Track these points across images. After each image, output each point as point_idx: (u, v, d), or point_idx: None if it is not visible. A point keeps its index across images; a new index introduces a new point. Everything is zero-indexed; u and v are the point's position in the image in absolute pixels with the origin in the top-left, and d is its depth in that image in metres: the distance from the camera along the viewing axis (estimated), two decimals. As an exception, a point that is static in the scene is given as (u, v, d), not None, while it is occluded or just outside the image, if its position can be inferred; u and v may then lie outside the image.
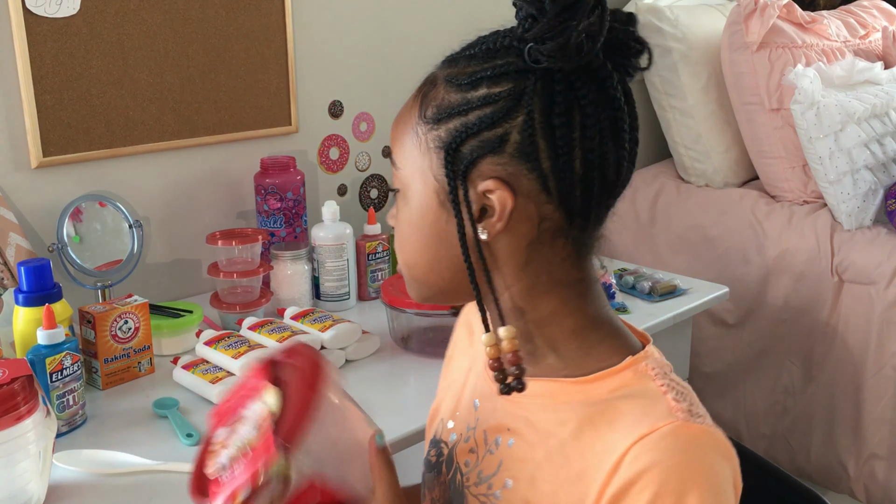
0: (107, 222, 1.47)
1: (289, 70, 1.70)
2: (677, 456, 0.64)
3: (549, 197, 0.70)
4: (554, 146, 0.69)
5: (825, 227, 1.97)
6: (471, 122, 0.70)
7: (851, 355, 1.91)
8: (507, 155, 0.69)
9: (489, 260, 0.73)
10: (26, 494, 0.93)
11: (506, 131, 0.69)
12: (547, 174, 0.69)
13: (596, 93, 0.69)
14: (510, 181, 0.70)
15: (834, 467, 1.97)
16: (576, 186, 0.70)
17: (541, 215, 0.71)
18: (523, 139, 0.69)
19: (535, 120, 0.68)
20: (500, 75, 0.70)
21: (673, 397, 0.68)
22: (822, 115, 1.94)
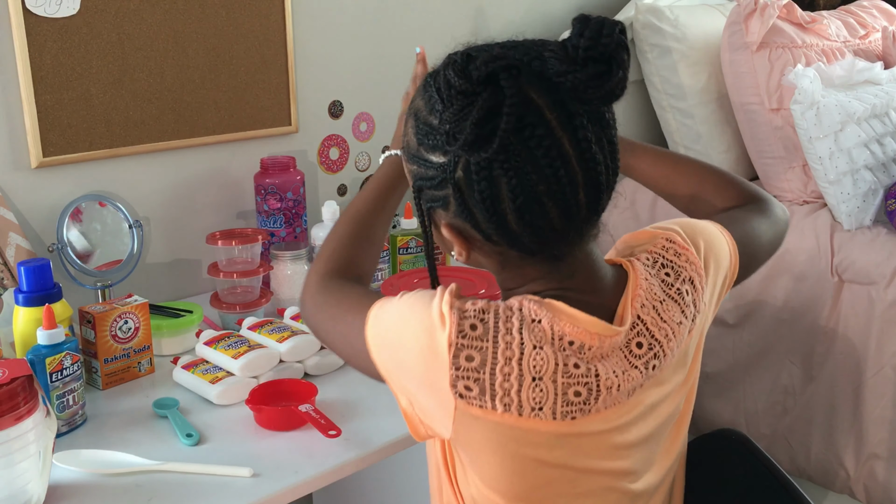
0: (107, 222, 1.47)
1: (289, 70, 1.70)
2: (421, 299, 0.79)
3: (498, 245, 0.78)
4: (484, 216, 0.75)
5: (825, 227, 1.97)
6: (423, 175, 0.79)
7: (851, 355, 1.90)
8: (451, 213, 0.78)
9: (477, 262, 0.84)
10: (26, 494, 0.93)
11: (445, 196, 0.78)
12: (488, 232, 0.77)
13: (524, 162, 0.72)
14: (461, 231, 0.80)
15: (834, 467, 1.97)
16: (520, 236, 0.76)
17: (498, 252, 0.80)
18: (458, 206, 0.77)
19: (463, 193, 0.75)
20: (434, 146, 0.77)
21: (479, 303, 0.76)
22: (822, 115, 1.94)
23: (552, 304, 0.76)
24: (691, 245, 0.87)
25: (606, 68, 0.71)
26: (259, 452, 1.06)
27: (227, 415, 1.16)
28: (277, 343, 1.26)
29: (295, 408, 1.11)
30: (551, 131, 0.72)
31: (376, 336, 0.81)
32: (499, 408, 0.74)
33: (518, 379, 0.74)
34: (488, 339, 0.74)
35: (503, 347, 0.74)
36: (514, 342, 0.74)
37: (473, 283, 1.40)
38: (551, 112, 0.72)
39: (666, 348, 0.82)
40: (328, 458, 1.05)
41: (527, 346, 0.74)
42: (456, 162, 0.74)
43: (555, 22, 2.22)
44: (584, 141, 0.73)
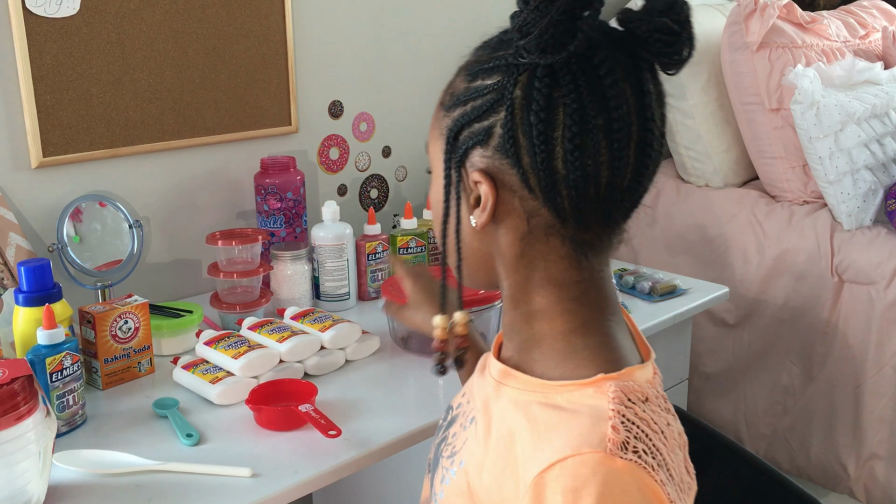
0: (107, 222, 1.47)
1: (289, 70, 1.70)
2: (588, 488, 0.62)
3: (532, 194, 0.69)
4: (532, 144, 0.67)
5: (825, 227, 1.97)
6: (466, 112, 0.71)
7: (851, 355, 1.91)
8: (492, 148, 0.69)
9: (489, 246, 0.74)
10: (26, 494, 0.93)
11: (491, 124, 0.69)
12: (527, 171, 0.68)
13: (587, 90, 0.66)
14: (494, 174, 0.70)
15: (834, 467, 1.97)
16: (559, 186, 0.68)
17: (527, 211, 0.70)
18: (504, 134, 0.68)
19: (515, 116, 0.67)
20: (493, 68, 0.70)
21: (615, 424, 0.64)
22: (822, 115, 1.94)
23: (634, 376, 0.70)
24: None
25: (679, 29, 0.69)
26: (259, 452, 1.06)
27: (227, 415, 1.16)
28: (277, 343, 1.26)
29: (295, 408, 1.11)
30: (617, 68, 0.67)
31: None
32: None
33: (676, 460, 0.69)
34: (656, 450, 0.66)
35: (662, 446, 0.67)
36: (663, 436, 0.68)
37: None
38: (621, 52, 0.68)
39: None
40: (328, 458, 1.05)
41: (665, 429, 0.68)
42: (517, 78, 0.67)
43: (555, 22, 2.22)
44: (646, 95, 0.69)
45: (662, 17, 0.68)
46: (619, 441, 0.63)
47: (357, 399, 1.21)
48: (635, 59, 0.69)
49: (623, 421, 0.65)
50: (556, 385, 0.69)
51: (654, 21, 0.68)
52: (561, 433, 0.65)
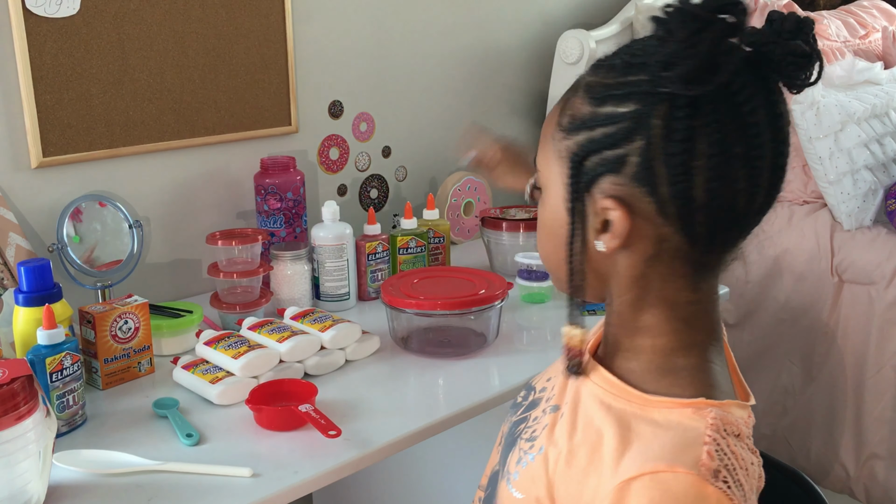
0: (107, 222, 1.47)
1: (289, 70, 1.70)
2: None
3: (668, 221, 0.69)
4: (672, 174, 0.67)
5: (825, 227, 1.97)
6: (595, 139, 0.70)
7: (851, 355, 1.91)
8: (626, 176, 0.69)
9: (608, 267, 0.74)
10: (26, 494, 0.93)
11: (626, 153, 0.68)
12: (665, 200, 0.68)
13: (727, 119, 0.66)
14: (628, 202, 0.69)
15: (834, 467, 1.97)
16: (696, 213, 0.68)
17: (659, 237, 0.70)
18: (641, 163, 0.67)
19: (653, 145, 0.67)
20: (626, 95, 0.68)
21: (710, 450, 0.65)
22: (822, 115, 1.94)
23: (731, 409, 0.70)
24: None
25: (811, 51, 0.68)
26: (259, 452, 1.06)
27: (227, 415, 1.16)
28: (277, 343, 1.26)
29: (295, 408, 1.11)
30: (755, 95, 0.67)
31: None
32: None
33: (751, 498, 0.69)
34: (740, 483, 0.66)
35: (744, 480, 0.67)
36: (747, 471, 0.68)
37: (473, 283, 1.40)
38: (754, 76, 0.68)
39: None
40: (328, 458, 1.05)
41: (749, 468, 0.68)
42: (656, 107, 0.66)
43: (555, 22, 2.22)
44: (779, 117, 0.69)
45: (795, 40, 0.67)
46: (712, 468, 0.64)
47: (357, 399, 1.21)
48: (767, 82, 0.68)
49: (717, 449, 0.65)
50: (655, 400, 0.70)
51: (786, 44, 0.67)
52: (653, 445, 0.66)
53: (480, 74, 2.07)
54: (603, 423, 0.71)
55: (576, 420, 0.75)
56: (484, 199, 2.02)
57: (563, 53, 2.11)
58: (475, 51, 2.03)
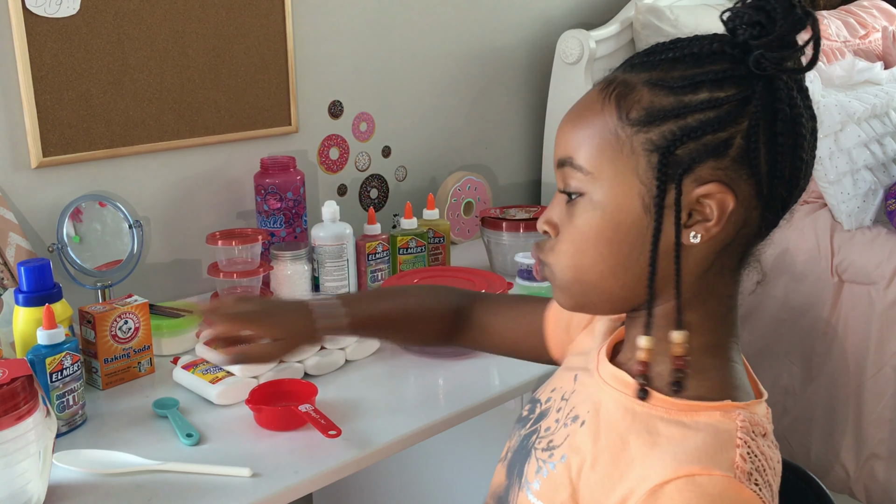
0: (107, 222, 1.47)
1: (289, 70, 1.70)
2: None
3: (759, 202, 0.71)
4: (773, 152, 0.70)
5: (825, 227, 1.97)
6: (691, 126, 0.69)
7: (851, 355, 1.91)
8: (729, 159, 0.69)
9: (685, 262, 0.72)
10: (26, 494, 0.93)
11: (730, 136, 0.69)
12: (763, 179, 0.70)
13: (802, 100, 0.71)
14: (731, 185, 0.70)
15: (834, 467, 1.97)
16: (781, 190, 0.71)
17: (745, 221, 0.72)
18: (747, 144, 0.69)
19: (759, 126, 0.69)
20: (723, 80, 0.69)
21: (743, 453, 0.66)
22: (822, 115, 1.94)
23: (755, 409, 0.72)
24: None
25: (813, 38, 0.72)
26: (259, 452, 1.06)
27: (227, 415, 1.16)
28: (277, 343, 1.26)
29: (295, 408, 1.11)
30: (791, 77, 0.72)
31: None
32: None
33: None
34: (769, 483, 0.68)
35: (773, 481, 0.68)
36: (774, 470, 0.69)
37: (473, 282, 1.40)
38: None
39: None
40: (328, 458, 1.05)
41: (776, 468, 0.70)
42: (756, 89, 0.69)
43: (555, 22, 2.22)
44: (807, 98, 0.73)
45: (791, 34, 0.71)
46: (746, 470, 0.65)
47: (357, 399, 1.21)
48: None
49: (749, 452, 0.66)
50: (682, 403, 0.71)
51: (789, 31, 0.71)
52: (685, 448, 0.67)
53: (480, 74, 2.07)
54: (628, 429, 0.71)
55: (598, 426, 0.75)
56: (484, 199, 2.02)
57: (563, 53, 2.11)
58: (475, 51, 2.03)
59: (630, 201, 0.72)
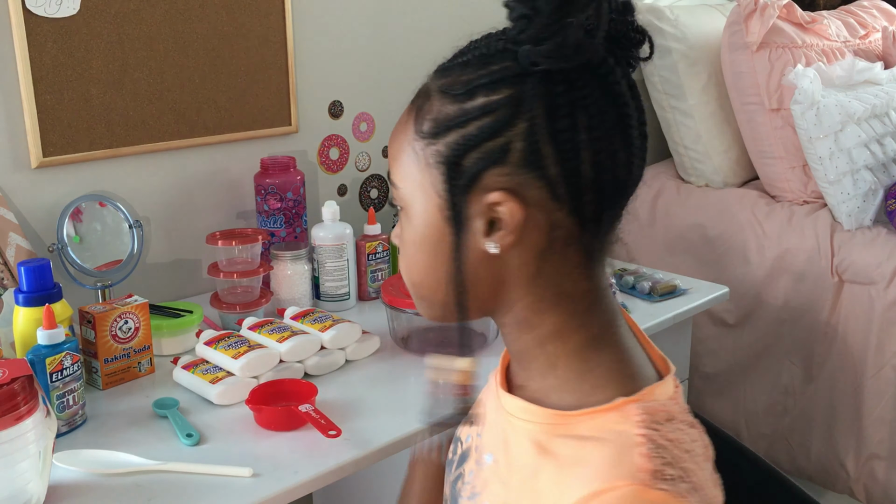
0: (107, 222, 1.47)
1: (289, 70, 1.70)
2: None
3: (560, 204, 0.67)
4: (560, 151, 0.65)
5: (825, 227, 1.97)
6: (470, 134, 0.67)
7: (851, 355, 1.91)
8: (512, 164, 0.66)
9: (499, 273, 0.70)
10: (26, 494, 0.93)
11: (508, 140, 0.66)
12: (555, 181, 0.66)
13: (599, 90, 0.66)
14: (518, 191, 0.66)
15: (834, 467, 1.97)
16: (586, 190, 0.67)
17: (552, 223, 0.68)
18: (527, 147, 0.65)
19: (537, 126, 0.65)
20: (497, 81, 0.66)
21: (645, 451, 0.62)
22: (822, 116, 1.94)
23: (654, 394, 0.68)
24: None
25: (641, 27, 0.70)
26: (259, 452, 1.06)
27: (227, 415, 1.16)
28: (277, 343, 1.26)
29: (295, 408, 1.11)
30: (615, 66, 0.67)
31: None
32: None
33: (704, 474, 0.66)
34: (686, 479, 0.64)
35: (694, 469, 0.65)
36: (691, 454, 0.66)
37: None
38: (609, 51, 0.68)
39: None
40: (328, 458, 1.05)
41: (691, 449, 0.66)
42: (530, 87, 0.65)
43: (555, 22, 2.22)
44: (633, 87, 0.69)
45: (627, 18, 0.68)
46: (651, 469, 0.61)
47: (357, 399, 1.21)
48: (615, 56, 0.68)
49: (652, 447, 0.63)
50: (576, 415, 0.67)
51: (625, 21, 0.68)
52: (589, 465, 0.63)
53: (480, 74, 2.07)
54: (535, 459, 0.69)
55: (510, 462, 0.72)
56: (484, 199, 2.02)
57: (563, 53, 2.11)
58: (475, 51, 2.03)
59: (432, 215, 0.70)
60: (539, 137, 0.65)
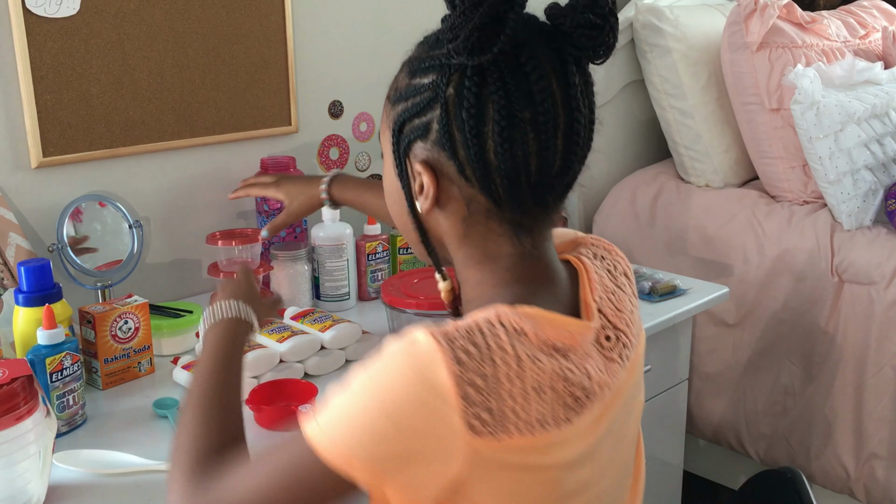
0: (107, 222, 1.47)
1: (289, 70, 1.70)
2: (391, 349, 0.68)
3: (469, 183, 0.75)
4: (466, 138, 0.72)
5: (825, 227, 1.97)
6: (408, 108, 0.77)
7: (851, 355, 1.90)
8: (431, 141, 0.75)
9: (438, 229, 0.81)
10: (26, 494, 0.93)
11: (429, 120, 0.75)
12: (463, 163, 0.74)
13: (514, 86, 0.71)
14: (434, 165, 0.76)
15: (834, 467, 1.97)
16: (493, 175, 0.73)
17: (467, 198, 0.76)
18: (441, 129, 0.74)
19: (449, 112, 0.73)
20: (429, 68, 0.75)
21: (458, 324, 0.69)
22: (822, 115, 1.94)
23: (527, 312, 0.72)
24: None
25: (602, 23, 0.73)
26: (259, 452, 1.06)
27: (227, 415, 1.16)
28: (277, 343, 1.26)
29: (295, 408, 1.11)
30: (543, 63, 0.72)
31: (337, 440, 0.68)
32: (514, 432, 0.68)
33: (524, 396, 0.68)
34: (486, 361, 0.67)
35: (503, 367, 0.68)
36: (510, 358, 0.68)
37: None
38: (546, 47, 0.73)
39: (630, 336, 0.81)
40: (328, 458, 1.05)
41: (524, 361, 0.69)
42: (449, 77, 0.73)
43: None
44: (571, 87, 0.73)
45: (586, 13, 0.73)
46: (446, 332, 0.68)
47: (357, 399, 1.21)
48: (561, 54, 0.73)
49: (471, 328, 0.69)
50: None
51: (577, 16, 0.73)
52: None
53: (480, 74, 2.07)
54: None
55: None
56: (484, 199, 2.02)
57: (563, 53, 2.11)
58: (475, 51, 2.03)
59: (390, 169, 0.82)
60: (450, 123, 0.73)
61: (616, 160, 2.35)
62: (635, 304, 0.85)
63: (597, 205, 2.29)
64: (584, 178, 0.80)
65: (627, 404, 0.81)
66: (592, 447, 0.75)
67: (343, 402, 0.69)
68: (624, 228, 2.24)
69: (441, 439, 0.67)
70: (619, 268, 0.86)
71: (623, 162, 2.37)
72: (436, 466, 0.68)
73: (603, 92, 2.18)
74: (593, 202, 2.29)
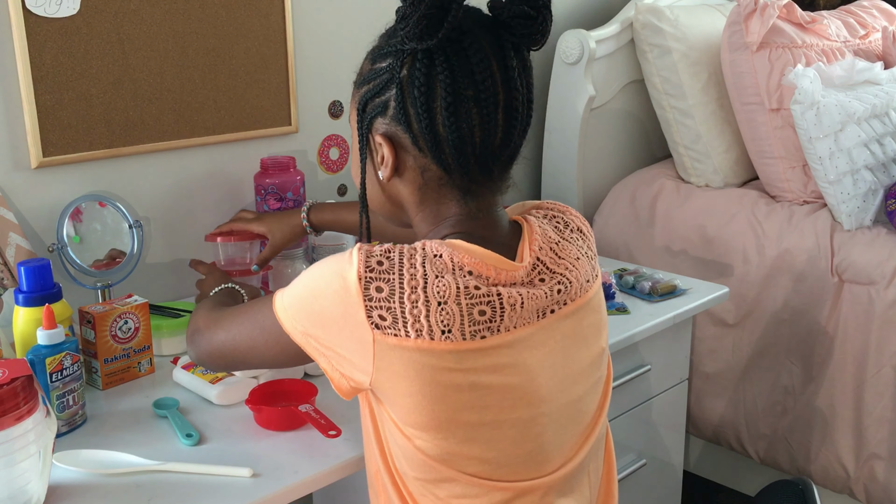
0: (107, 222, 1.47)
1: (289, 70, 1.70)
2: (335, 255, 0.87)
3: (423, 153, 0.88)
4: (418, 113, 0.86)
5: (825, 227, 1.97)
6: (370, 89, 0.91)
7: (851, 355, 1.90)
8: (389, 117, 0.89)
9: (398, 196, 0.95)
10: (26, 494, 0.93)
11: (387, 99, 0.89)
12: (417, 135, 0.87)
13: (459, 68, 0.84)
14: (392, 138, 0.90)
15: (834, 467, 1.97)
16: (443, 146, 0.86)
17: (422, 167, 0.90)
18: (397, 106, 0.87)
19: (403, 91, 0.87)
20: (386, 53, 0.89)
21: (390, 246, 0.85)
22: (822, 115, 1.94)
23: (452, 242, 0.86)
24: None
25: (536, 14, 0.87)
26: (259, 452, 1.06)
27: (227, 415, 1.16)
28: (277, 343, 1.26)
29: (295, 408, 1.11)
30: (484, 48, 0.85)
31: (290, 306, 0.90)
32: (412, 334, 0.82)
33: (425, 304, 0.82)
34: (394, 272, 0.83)
35: (408, 278, 0.83)
36: (417, 273, 0.83)
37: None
38: (487, 34, 0.86)
39: (570, 276, 0.92)
40: (328, 458, 1.05)
41: (429, 276, 0.83)
42: (403, 61, 0.86)
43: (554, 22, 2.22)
44: (509, 69, 0.87)
45: (522, 5, 0.86)
46: (371, 248, 0.85)
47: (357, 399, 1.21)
48: (500, 40, 0.87)
49: (391, 250, 0.84)
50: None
51: (514, 8, 0.86)
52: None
53: (480, 74, 2.07)
54: None
55: None
56: (484, 199, 2.02)
57: (563, 53, 2.11)
58: (475, 51, 2.03)
59: (357, 147, 0.95)
60: (405, 100, 0.87)
61: (616, 160, 2.35)
62: (584, 254, 0.96)
63: (597, 205, 2.29)
64: (584, 178, 0.85)
65: (563, 344, 0.92)
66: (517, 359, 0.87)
67: (296, 284, 0.90)
68: (624, 228, 2.23)
69: (353, 328, 0.84)
70: (572, 224, 0.98)
71: (623, 162, 2.37)
72: (352, 345, 0.85)
73: (603, 92, 2.18)
74: (593, 202, 2.29)
